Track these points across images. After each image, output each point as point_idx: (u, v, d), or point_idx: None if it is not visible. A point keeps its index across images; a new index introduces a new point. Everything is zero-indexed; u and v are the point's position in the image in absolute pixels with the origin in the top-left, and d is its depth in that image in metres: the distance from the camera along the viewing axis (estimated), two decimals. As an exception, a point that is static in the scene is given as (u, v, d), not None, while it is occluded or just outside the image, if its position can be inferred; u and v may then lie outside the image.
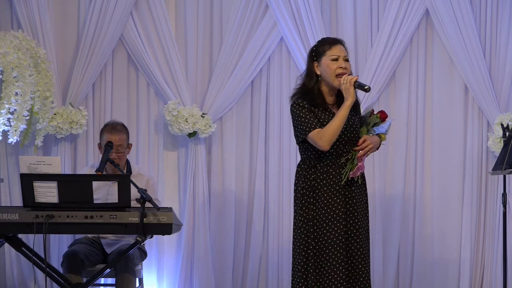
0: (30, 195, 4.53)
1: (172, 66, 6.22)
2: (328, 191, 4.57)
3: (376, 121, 4.72)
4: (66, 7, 6.25)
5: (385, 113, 4.76)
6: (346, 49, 4.67)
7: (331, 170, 4.59)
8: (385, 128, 4.72)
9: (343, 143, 4.60)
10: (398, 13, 6.27)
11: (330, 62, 4.61)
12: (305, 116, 4.58)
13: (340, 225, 4.54)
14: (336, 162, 4.60)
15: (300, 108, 4.59)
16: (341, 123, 4.52)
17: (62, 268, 5.18)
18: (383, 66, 6.28)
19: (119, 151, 5.42)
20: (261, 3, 6.29)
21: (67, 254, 5.23)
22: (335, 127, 4.51)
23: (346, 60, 4.63)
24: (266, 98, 6.37)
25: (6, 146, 6.06)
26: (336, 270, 4.50)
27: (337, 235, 4.53)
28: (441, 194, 6.34)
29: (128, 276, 5.11)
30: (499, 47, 6.30)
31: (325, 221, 4.54)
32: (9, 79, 5.60)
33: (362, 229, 4.61)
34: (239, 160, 6.34)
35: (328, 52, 4.63)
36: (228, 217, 6.30)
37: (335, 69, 4.59)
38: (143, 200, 4.51)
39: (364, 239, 4.61)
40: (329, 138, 4.51)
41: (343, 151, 4.61)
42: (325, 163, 4.60)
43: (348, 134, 4.61)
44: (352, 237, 4.59)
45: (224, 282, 6.28)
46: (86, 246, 5.37)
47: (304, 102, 4.60)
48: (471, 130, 6.33)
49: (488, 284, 6.24)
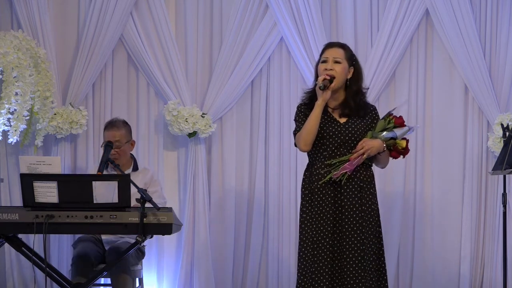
0: (30, 195, 4.52)
1: (172, 66, 6.23)
2: (319, 192, 4.61)
3: (386, 126, 4.71)
4: (66, 7, 6.25)
5: (402, 119, 4.76)
6: (345, 51, 4.72)
7: (322, 171, 4.62)
8: (397, 134, 4.70)
9: (335, 145, 4.63)
10: (398, 13, 6.27)
11: (321, 65, 4.71)
12: (298, 119, 4.71)
13: (327, 226, 4.57)
14: (326, 164, 4.63)
15: (298, 112, 4.74)
16: (312, 124, 4.58)
17: (72, 268, 5.13)
18: (383, 66, 6.28)
19: (117, 146, 5.43)
20: (261, 3, 6.29)
21: (79, 256, 5.17)
22: (307, 128, 4.60)
23: (336, 62, 4.67)
24: (266, 98, 6.37)
25: (6, 146, 6.06)
26: (322, 271, 4.53)
27: (324, 237, 4.56)
28: (441, 194, 6.34)
29: (124, 276, 5.10)
30: (499, 47, 6.30)
31: (314, 222, 4.58)
32: (9, 79, 5.60)
33: (353, 232, 4.58)
34: (239, 160, 6.34)
35: (322, 56, 4.74)
36: (228, 217, 6.30)
37: (322, 71, 4.67)
38: (143, 200, 4.51)
39: (359, 242, 4.58)
40: (303, 138, 4.60)
41: (335, 153, 4.64)
42: (318, 165, 4.65)
43: (341, 136, 4.63)
44: (342, 237, 4.59)
45: (224, 281, 6.28)
46: (93, 245, 5.34)
47: (303, 107, 4.71)
48: (471, 130, 6.33)
49: (488, 284, 6.24)
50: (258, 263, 6.32)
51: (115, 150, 5.42)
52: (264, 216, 6.32)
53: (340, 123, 4.67)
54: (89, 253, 5.20)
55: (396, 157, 4.78)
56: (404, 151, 4.76)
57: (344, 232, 4.60)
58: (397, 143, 4.71)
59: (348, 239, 4.59)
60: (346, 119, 4.70)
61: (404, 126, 4.75)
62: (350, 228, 4.60)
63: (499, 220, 6.15)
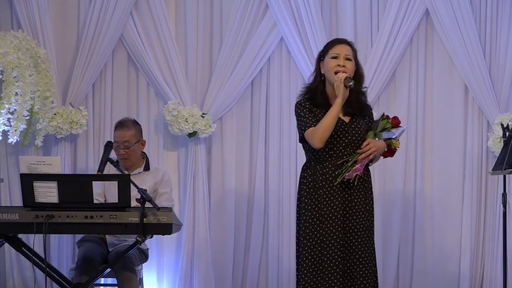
0: (30, 195, 4.52)
1: (172, 66, 6.23)
2: (327, 192, 4.58)
3: (386, 126, 4.72)
4: (66, 7, 6.25)
5: (398, 119, 4.76)
6: (353, 50, 4.70)
7: (330, 171, 4.59)
8: (395, 134, 4.71)
9: (343, 145, 4.61)
10: (398, 13, 6.27)
11: (330, 60, 4.65)
12: (304, 115, 4.62)
13: (338, 227, 4.55)
14: (335, 164, 4.60)
15: (301, 108, 4.65)
16: (331, 120, 4.53)
17: (76, 270, 5.12)
18: (383, 66, 6.29)
19: (127, 146, 5.43)
20: (261, 3, 6.29)
21: (85, 258, 5.17)
22: (325, 124, 4.53)
23: (348, 59, 4.65)
24: (266, 98, 6.37)
25: (6, 146, 6.06)
26: (333, 271, 4.50)
27: (335, 237, 4.54)
28: (441, 194, 6.35)
29: (129, 274, 5.09)
30: (499, 47, 6.30)
31: (323, 222, 4.55)
32: (9, 79, 5.60)
33: (362, 232, 4.60)
34: (239, 160, 6.34)
35: (330, 51, 4.67)
36: (228, 217, 6.30)
37: (334, 67, 4.62)
38: (143, 200, 4.51)
39: (365, 241, 4.60)
40: (320, 135, 4.53)
41: (343, 153, 4.61)
42: (324, 165, 4.61)
43: (348, 136, 4.62)
44: (350, 239, 4.59)
45: (224, 282, 6.28)
46: (98, 246, 5.33)
47: (306, 102, 4.65)
48: (471, 130, 6.34)
49: (488, 284, 6.24)
50: (258, 263, 6.32)
51: (124, 150, 5.42)
52: (264, 216, 6.32)
53: (346, 123, 4.65)
54: (94, 255, 5.20)
55: (387, 157, 4.80)
56: (395, 151, 4.77)
57: (354, 230, 4.59)
58: (392, 143, 4.72)
59: (357, 237, 4.59)
60: (350, 118, 4.68)
61: (399, 126, 4.76)
62: (359, 226, 4.60)
63: (499, 220, 6.15)
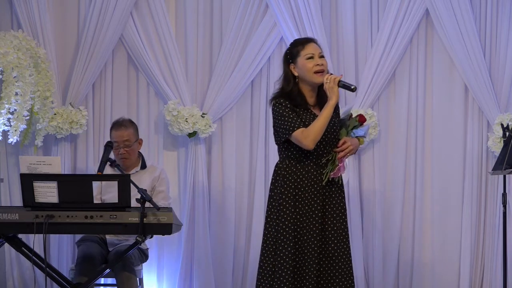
0: (30, 195, 4.53)
1: (172, 66, 6.23)
2: (309, 191, 4.59)
3: (355, 124, 4.74)
4: (66, 7, 6.25)
5: (364, 117, 4.80)
6: (319, 46, 4.68)
7: (312, 170, 4.60)
8: (364, 131, 4.75)
9: (323, 143, 4.61)
10: (398, 13, 6.27)
11: (306, 61, 4.62)
12: (288, 115, 4.57)
13: (317, 224, 4.57)
14: (317, 163, 4.61)
15: (283, 108, 4.59)
16: (325, 122, 4.53)
17: (76, 269, 5.13)
18: (383, 66, 6.28)
19: (127, 145, 5.43)
20: (261, 3, 6.29)
21: (84, 257, 5.17)
22: (320, 126, 4.52)
23: (321, 57, 4.64)
24: (266, 98, 6.36)
25: (6, 146, 6.06)
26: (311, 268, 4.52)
27: (314, 235, 4.55)
28: (441, 194, 6.35)
29: (128, 275, 5.09)
30: (499, 47, 6.30)
31: (300, 220, 4.56)
32: (9, 79, 5.60)
33: (339, 230, 4.61)
34: (239, 160, 6.34)
35: (302, 52, 4.64)
36: (228, 217, 6.30)
37: (312, 67, 4.60)
38: (143, 200, 4.51)
39: (340, 240, 4.61)
40: (314, 137, 4.52)
41: (323, 152, 4.62)
42: (305, 163, 4.60)
43: (329, 135, 4.62)
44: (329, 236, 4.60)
45: (224, 282, 6.28)
46: (97, 246, 5.33)
47: (287, 102, 4.60)
48: (471, 130, 6.34)
49: (488, 284, 6.24)
50: (258, 263, 6.30)
51: (124, 150, 5.43)
52: (264, 216, 6.30)
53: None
54: (94, 254, 5.20)
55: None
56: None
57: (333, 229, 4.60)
58: (360, 140, 4.75)
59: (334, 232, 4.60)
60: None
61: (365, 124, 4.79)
62: (336, 227, 4.61)
63: (499, 220, 6.15)
